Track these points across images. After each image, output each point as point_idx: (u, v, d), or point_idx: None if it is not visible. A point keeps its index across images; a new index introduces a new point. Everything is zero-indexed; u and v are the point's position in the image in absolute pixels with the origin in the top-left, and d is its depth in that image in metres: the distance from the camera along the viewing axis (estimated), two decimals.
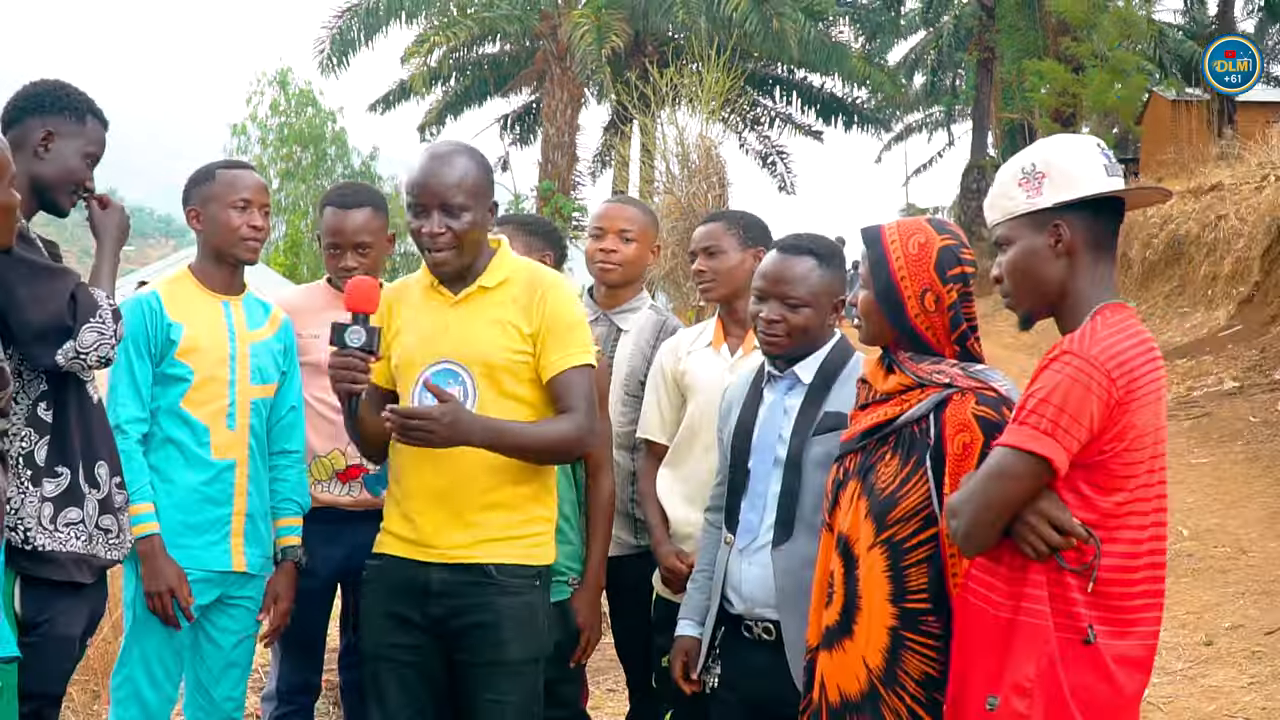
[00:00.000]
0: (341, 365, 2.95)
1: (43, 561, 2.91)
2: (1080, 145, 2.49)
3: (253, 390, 3.49)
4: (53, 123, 3.04)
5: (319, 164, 29.36)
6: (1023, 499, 2.34)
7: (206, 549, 3.40)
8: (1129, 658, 2.37)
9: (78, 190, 3.10)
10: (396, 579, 3.05)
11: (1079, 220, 2.43)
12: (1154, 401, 2.36)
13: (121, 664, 3.42)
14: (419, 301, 3.12)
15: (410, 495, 3.05)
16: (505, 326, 3.02)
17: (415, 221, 3.01)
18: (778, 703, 2.93)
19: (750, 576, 3.00)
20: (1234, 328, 12.15)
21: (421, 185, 2.99)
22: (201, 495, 3.39)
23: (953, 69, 32.37)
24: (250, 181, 3.51)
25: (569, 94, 23.44)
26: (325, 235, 3.81)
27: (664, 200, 14.86)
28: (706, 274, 3.67)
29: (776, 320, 3.01)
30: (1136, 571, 2.37)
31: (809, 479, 2.97)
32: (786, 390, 3.07)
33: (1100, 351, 2.32)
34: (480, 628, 2.99)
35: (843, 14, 26.93)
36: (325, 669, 4.13)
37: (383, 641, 3.06)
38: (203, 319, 3.45)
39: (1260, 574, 6.34)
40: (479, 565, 3.01)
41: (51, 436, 2.96)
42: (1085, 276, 2.44)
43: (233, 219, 3.46)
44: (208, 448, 3.40)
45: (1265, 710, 4.80)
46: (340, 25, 24.20)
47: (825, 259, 3.05)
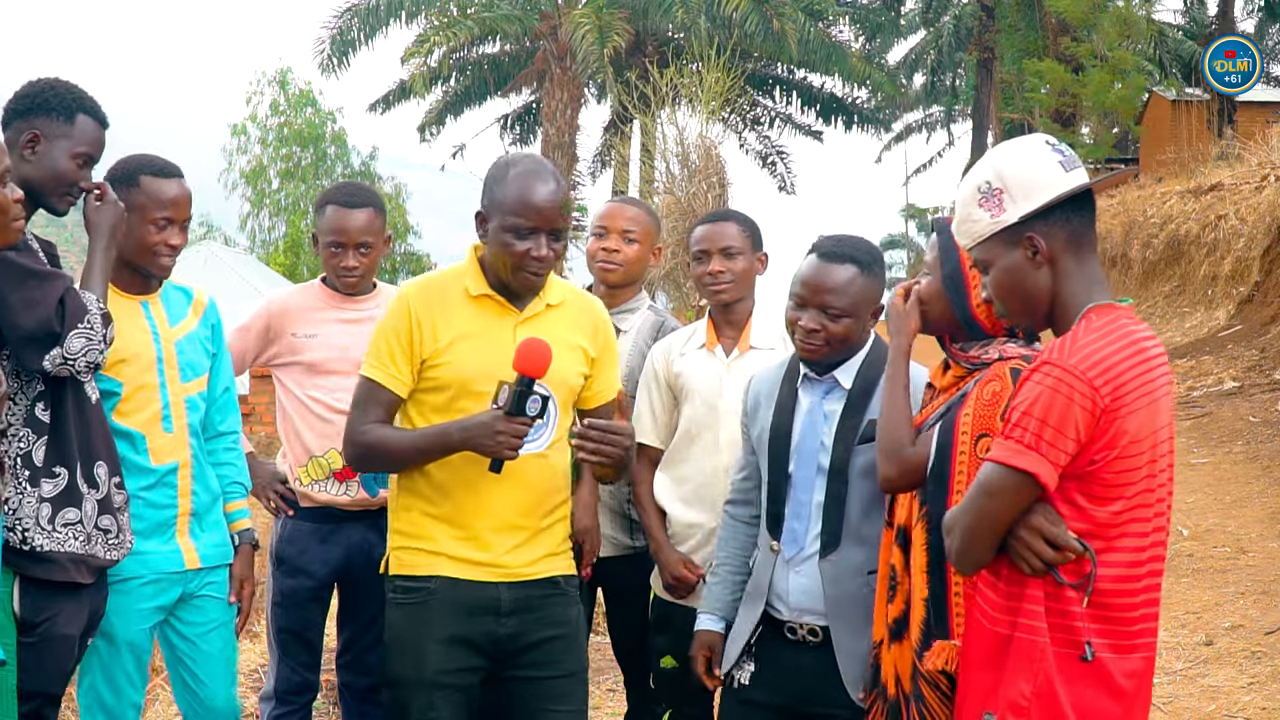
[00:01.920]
0: (514, 433, 2.80)
1: (41, 562, 2.91)
2: (1030, 149, 2.39)
3: (185, 388, 3.37)
4: (39, 124, 3.01)
5: (319, 164, 29.38)
6: (1012, 514, 2.29)
7: (157, 552, 3.30)
8: (1133, 671, 2.30)
9: (70, 192, 3.06)
10: (460, 601, 2.91)
11: (1050, 225, 2.35)
12: (1148, 405, 2.27)
13: (83, 673, 3.31)
14: (470, 310, 2.97)
15: (479, 516, 2.93)
16: (575, 349, 3.01)
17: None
18: (822, 703, 2.93)
19: (797, 586, 2.97)
20: (1234, 328, 12.15)
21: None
22: (144, 501, 3.27)
23: (953, 69, 32.36)
24: (173, 195, 3.29)
25: (569, 94, 23.43)
26: (327, 234, 3.78)
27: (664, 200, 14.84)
28: (725, 275, 3.60)
29: (816, 329, 2.97)
30: (1139, 581, 2.31)
31: (855, 488, 2.95)
32: (825, 394, 3.04)
33: (1080, 360, 2.24)
34: (559, 640, 2.97)
35: (843, 14, 26.89)
36: (324, 669, 4.13)
37: (444, 668, 2.90)
38: (124, 327, 3.24)
39: (1260, 574, 6.34)
40: (550, 579, 2.99)
41: (49, 437, 2.95)
42: (1072, 280, 2.36)
43: (150, 235, 3.27)
44: (146, 454, 3.28)
45: (1265, 710, 4.80)
46: (340, 25, 24.18)
47: (867, 266, 3.00)
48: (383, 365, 2.95)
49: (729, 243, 3.62)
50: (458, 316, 2.96)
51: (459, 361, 2.93)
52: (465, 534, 2.93)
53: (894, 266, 43.39)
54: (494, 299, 2.97)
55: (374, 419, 2.94)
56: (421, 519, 2.96)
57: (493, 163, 3.05)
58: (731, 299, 3.63)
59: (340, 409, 3.69)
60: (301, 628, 3.82)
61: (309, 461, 3.76)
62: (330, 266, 3.81)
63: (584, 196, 24.16)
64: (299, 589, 3.76)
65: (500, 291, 2.97)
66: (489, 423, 2.80)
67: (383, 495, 3.74)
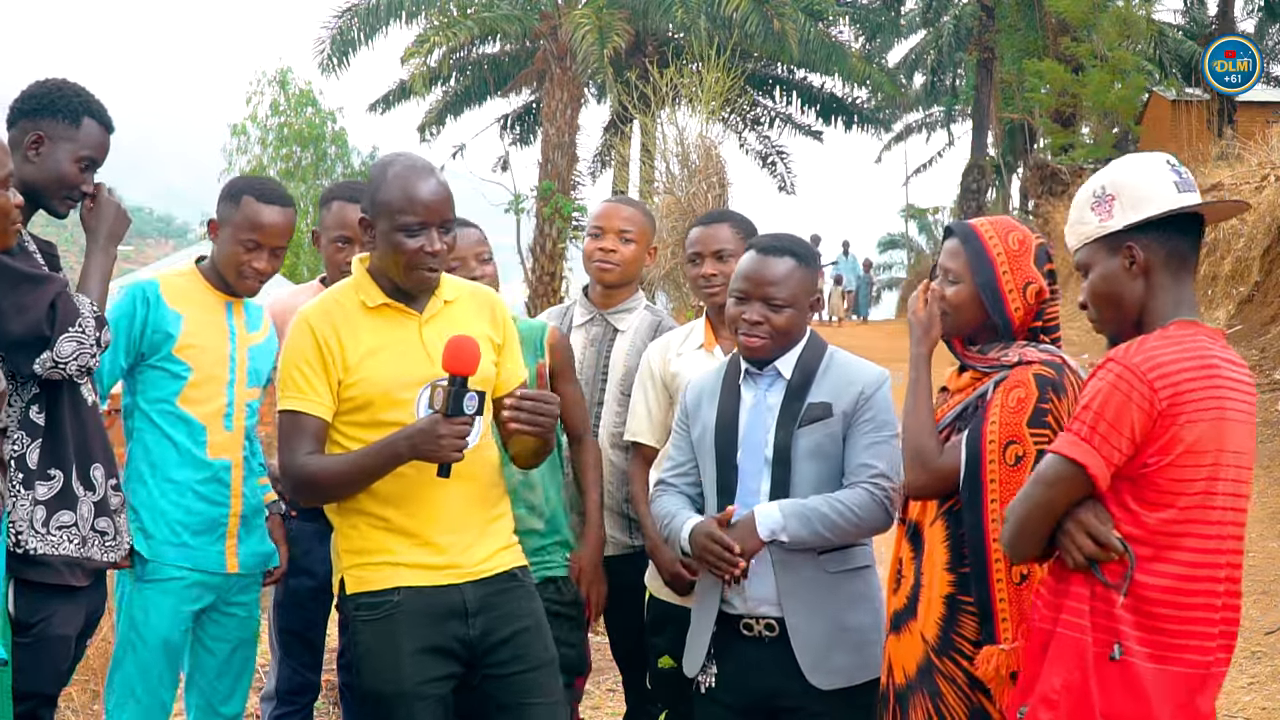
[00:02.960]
0: (456, 434, 2.77)
1: (35, 565, 2.91)
2: (1149, 164, 2.48)
3: (249, 393, 3.50)
4: (44, 125, 3.02)
5: (319, 164, 29.34)
6: (1062, 505, 2.34)
7: (204, 550, 3.39)
8: (1170, 682, 2.30)
9: (71, 195, 3.06)
10: (427, 608, 2.89)
11: (1152, 240, 2.42)
12: (1212, 420, 2.31)
13: (114, 672, 3.38)
14: (371, 320, 2.94)
15: (429, 521, 2.92)
16: (484, 340, 2.98)
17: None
18: (788, 696, 2.97)
19: (751, 574, 3.00)
20: (1234, 328, 12.12)
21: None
22: (197, 494, 3.37)
23: (953, 69, 32.32)
24: (268, 220, 3.42)
25: (569, 94, 23.41)
26: (333, 229, 3.82)
27: (664, 200, 14.86)
28: (717, 278, 3.63)
29: (759, 321, 3.05)
30: (1192, 595, 2.32)
31: (799, 471, 3.00)
32: (768, 387, 3.09)
33: (1143, 360, 2.30)
34: (526, 632, 2.98)
35: (843, 14, 26.88)
36: (325, 669, 4.13)
37: (420, 678, 2.86)
38: (205, 317, 3.43)
39: (1260, 574, 6.34)
40: (507, 572, 3.00)
41: (44, 439, 2.94)
42: (1163, 295, 2.43)
43: (238, 254, 3.42)
44: (204, 447, 3.38)
45: (1265, 710, 4.80)
46: (340, 25, 24.17)
47: (804, 259, 3.10)
48: (301, 394, 2.89)
49: (722, 245, 3.65)
50: (361, 331, 2.93)
51: (374, 376, 2.90)
52: (417, 540, 2.92)
53: (894, 266, 43.36)
54: (393, 306, 2.96)
55: (306, 450, 2.86)
56: (371, 533, 2.92)
57: (372, 166, 3.04)
58: (724, 300, 3.63)
59: None
60: (303, 628, 3.85)
61: None
62: (335, 261, 3.83)
63: (584, 197, 24.14)
64: (300, 589, 3.77)
65: (397, 297, 2.96)
66: (429, 429, 2.77)
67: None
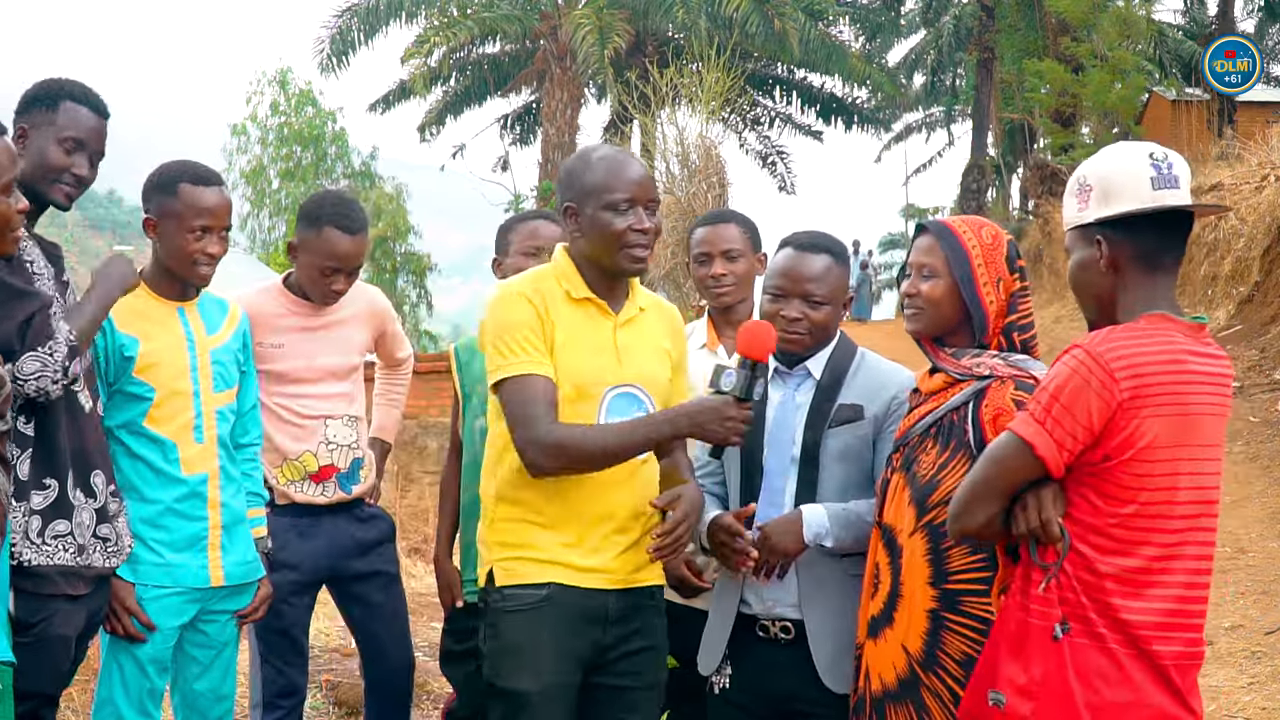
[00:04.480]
0: (743, 419, 2.77)
1: (30, 577, 2.87)
2: (1129, 157, 2.39)
3: (217, 399, 3.36)
4: (27, 118, 3.02)
5: (319, 164, 29.32)
6: (1008, 483, 2.33)
7: (185, 566, 3.29)
8: (1144, 670, 2.28)
9: (61, 179, 3.03)
10: (574, 609, 2.85)
11: (1121, 236, 2.37)
12: (1176, 415, 2.26)
13: (101, 685, 3.29)
14: (571, 312, 2.91)
15: (589, 520, 2.87)
16: (663, 354, 3.00)
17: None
18: (802, 700, 2.95)
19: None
20: (1234, 328, 12.12)
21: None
22: (176, 514, 3.27)
23: (953, 69, 32.32)
24: (211, 202, 3.27)
25: (569, 94, 23.43)
26: (324, 257, 3.69)
27: (664, 200, 14.86)
28: (728, 278, 3.60)
29: (798, 318, 3.01)
30: (1156, 588, 2.29)
31: (827, 472, 2.97)
32: (797, 386, 3.07)
33: (1107, 349, 2.26)
34: (650, 651, 2.97)
35: (843, 14, 26.89)
36: (325, 669, 4.11)
37: (560, 681, 2.83)
38: (159, 331, 3.27)
39: (1260, 574, 6.34)
40: (649, 588, 2.98)
41: (35, 450, 2.90)
42: (1135, 290, 2.37)
43: (188, 244, 3.26)
44: (177, 464, 3.27)
45: (1265, 710, 4.80)
46: (340, 25, 24.20)
47: (839, 256, 3.09)
48: (528, 355, 2.82)
49: (730, 245, 3.62)
50: (562, 319, 2.90)
51: (568, 365, 2.87)
52: (574, 539, 2.87)
53: (894, 266, 43.38)
54: (594, 302, 2.93)
55: (548, 417, 2.79)
56: (525, 528, 2.89)
57: (567, 160, 3.03)
58: (733, 301, 3.63)
59: (308, 414, 3.72)
60: (285, 624, 3.74)
61: (284, 464, 3.74)
62: (319, 285, 3.73)
63: None
64: (280, 584, 3.65)
65: (599, 293, 2.94)
66: (720, 408, 2.76)
67: (356, 489, 3.75)
